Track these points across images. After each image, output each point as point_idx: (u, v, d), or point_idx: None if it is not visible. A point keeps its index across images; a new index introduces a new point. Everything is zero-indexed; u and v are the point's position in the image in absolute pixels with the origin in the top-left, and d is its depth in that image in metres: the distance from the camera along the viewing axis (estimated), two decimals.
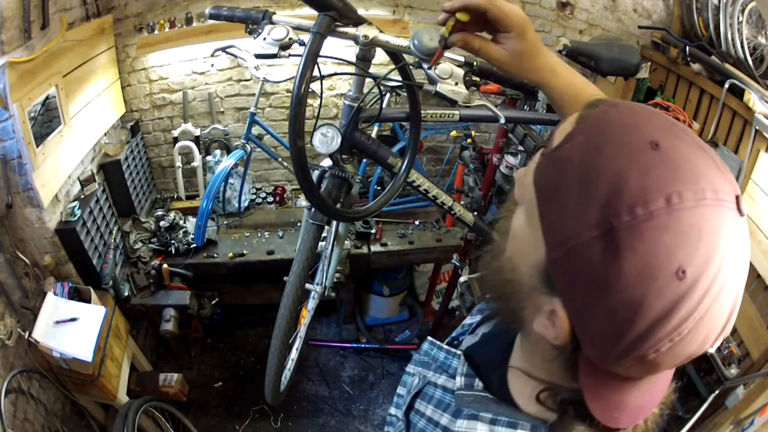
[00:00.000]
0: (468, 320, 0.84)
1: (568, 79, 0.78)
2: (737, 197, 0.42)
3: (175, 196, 2.97)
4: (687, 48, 2.42)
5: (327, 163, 1.33)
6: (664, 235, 0.39)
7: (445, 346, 0.76)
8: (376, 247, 2.72)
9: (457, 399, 0.62)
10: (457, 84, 0.77)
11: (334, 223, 1.54)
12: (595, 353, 0.45)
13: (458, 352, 0.73)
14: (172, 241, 2.56)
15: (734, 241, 0.41)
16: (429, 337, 0.81)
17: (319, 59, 0.88)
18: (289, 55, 0.96)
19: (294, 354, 1.82)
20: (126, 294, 2.36)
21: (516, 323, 0.56)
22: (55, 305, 1.94)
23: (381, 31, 0.97)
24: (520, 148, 2.01)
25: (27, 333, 1.82)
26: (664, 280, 0.39)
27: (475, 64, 0.90)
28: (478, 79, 0.79)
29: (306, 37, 0.90)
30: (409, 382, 0.76)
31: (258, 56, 0.95)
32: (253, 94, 2.65)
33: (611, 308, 0.41)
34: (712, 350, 0.43)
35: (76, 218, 2.06)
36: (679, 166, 0.41)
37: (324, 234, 1.56)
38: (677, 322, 0.40)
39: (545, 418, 0.54)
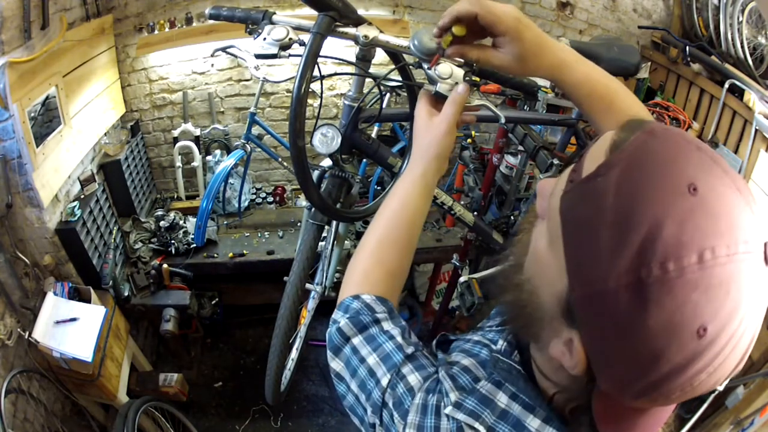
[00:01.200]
0: (487, 321, 0.83)
1: (581, 72, 0.73)
2: (766, 244, 0.41)
3: (175, 196, 2.97)
4: (687, 48, 2.42)
5: (327, 163, 1.33)
6: (693, 293, 0.39)
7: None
8: None
9: (492, 361, 0.61)
10: (457, 84, 0.77)
11: (335, 222, 1.54)
12: (610, 389, 0.46)
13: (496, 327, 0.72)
14: (172, 241, 2.56)
15: (758, 292, 0.40)
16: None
17: (319, 59, 0.88)
18: (289, 56, 0.96)
19: (294, 354, 1.82)
20: (126, 294, 2.36)
21: (532, 340, 0.56)
22: (55, 305, 1.94)
23: (381, 32, 0.97)
24: (520, 148, 2.01)
25: (27, 333, 1.82)
26: (686, 337, 0.39)
27: (474, 64, 0.90)
28: (478, 79, 0.78)
29: (306, 38, 0.90)
30: None
31: (258, 56, 0.95)
32: (253, 94, 2.65)
33: (629, 354, 0.42)
34: (720, 388, 0.45)
35: (76, 218, 2.06)
36: (716, 215, 0.40)
37: (324, 234, 1.56)
38: (691, 375, 0.41)
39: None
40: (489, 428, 0.53)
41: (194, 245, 2.56)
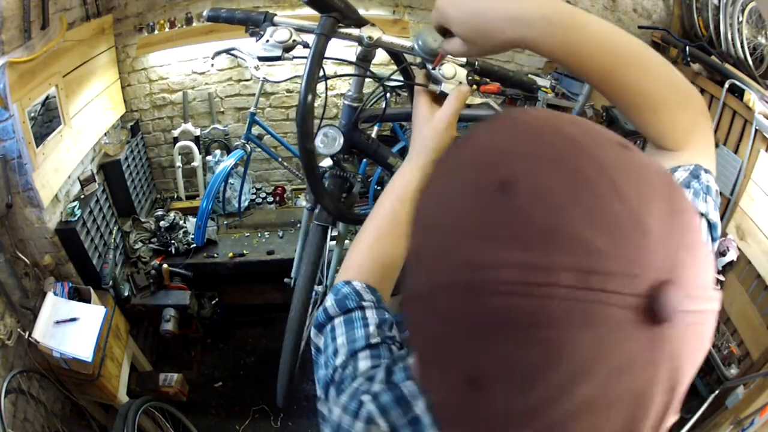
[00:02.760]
0: None
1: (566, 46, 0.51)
2: (662, 285, 0.25)
3: (175, 196, 2.97)
4: (687, 48, 2.42)
5: (327, 163, 1.33)
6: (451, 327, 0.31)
7: None
8: None
9: None
10: (460, 84, 0.77)
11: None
12: None
13: None
14: (172, 241, 2.56)
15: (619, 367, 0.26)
16: None
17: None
18: (293, 57, 0.96)
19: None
20: (126, 294, 2.36)
21: None
22: (55, 305, 1.93)
23: (384, 32, 0.97)
24: None
25: (27, 333, 1.81)
26: (455, 384, 0.33)
27: (476, 63, 0.90)
28: (479, 78, 0.78)
29: (309, 39, 0.90)
30: None
31: (261, 59, 0.95)
32: (253, 94, 2.65)
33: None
34: None
35: (76, 218, 2.06)
36: (524, 224, 0.28)
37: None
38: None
39: None
40: (392, 428, 0.51)
41: (194, 245, 2.56)
